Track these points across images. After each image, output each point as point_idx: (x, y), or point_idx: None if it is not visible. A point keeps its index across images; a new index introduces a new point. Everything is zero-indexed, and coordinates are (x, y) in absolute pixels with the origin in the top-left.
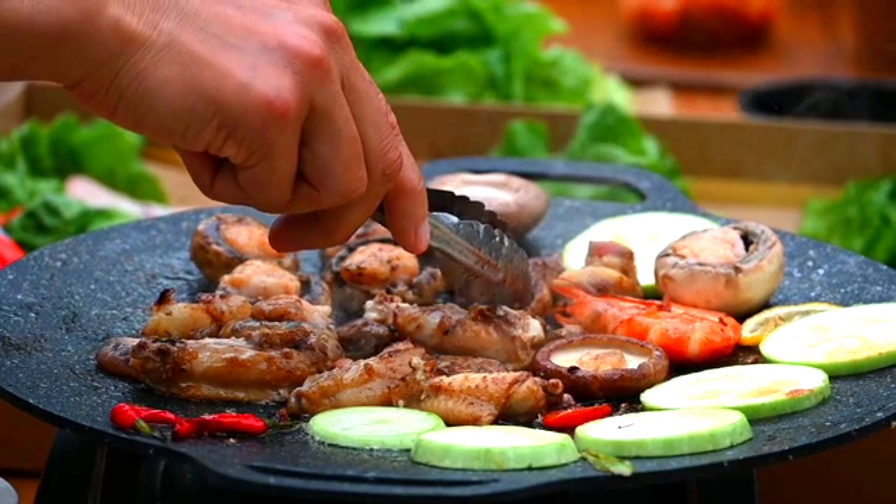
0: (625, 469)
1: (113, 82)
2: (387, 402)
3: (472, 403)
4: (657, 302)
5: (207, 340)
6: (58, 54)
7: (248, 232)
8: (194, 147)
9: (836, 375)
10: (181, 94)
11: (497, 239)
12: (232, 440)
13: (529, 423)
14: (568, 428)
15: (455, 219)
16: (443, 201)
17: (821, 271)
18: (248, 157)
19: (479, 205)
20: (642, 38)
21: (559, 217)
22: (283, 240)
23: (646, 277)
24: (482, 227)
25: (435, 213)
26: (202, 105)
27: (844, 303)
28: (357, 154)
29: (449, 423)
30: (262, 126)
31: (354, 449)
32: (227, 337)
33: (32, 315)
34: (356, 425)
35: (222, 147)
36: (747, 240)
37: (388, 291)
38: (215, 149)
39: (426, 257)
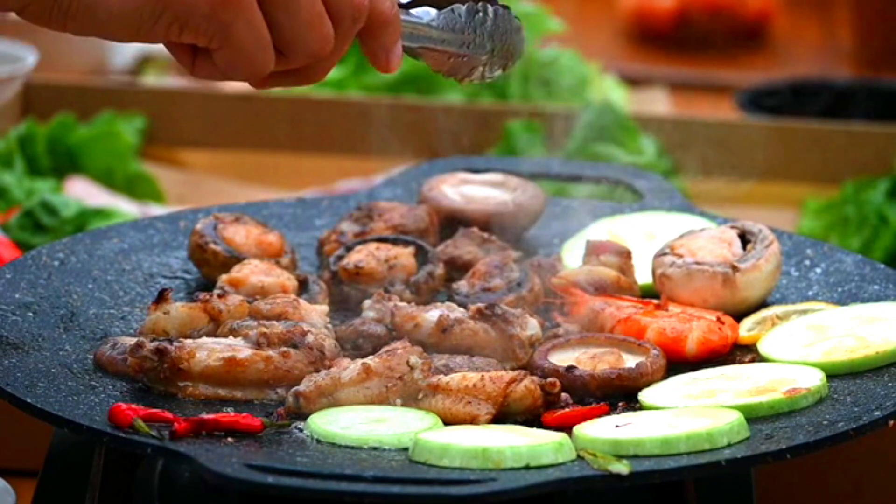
0: (622, 468)
1: (56, 2)
2: (384, 400)
3: (469, 402)
4: (655, 301)
5: (205, 340)
6: None
7: (245, 231)
8: (153, 41)
9: (834, 374)
10: None
11: (481, 14)
12: (230, 439)
13: (527, 422)
14: (565, 427)
15: (433, 12)
16: (424, 2)
17: (818, 270)
18: (211, 42)
19: None
20: (640, 38)
21: (557, 216)
22: (261, 81)
23: (643, 276)
24: (464, 8)
25: (412, 12)
26: (148, 3)
27: (842, 302)
28: (318, 14)
29: (447, 422)
30: (212, 11)
31: (352, 448)
32: (225, 336)
33: (30, 314)
34: (354, 424)
35: (180, 37)
36: (745, 239)
37: (386, 290)
38: (175, 39)
39: (411, 58)
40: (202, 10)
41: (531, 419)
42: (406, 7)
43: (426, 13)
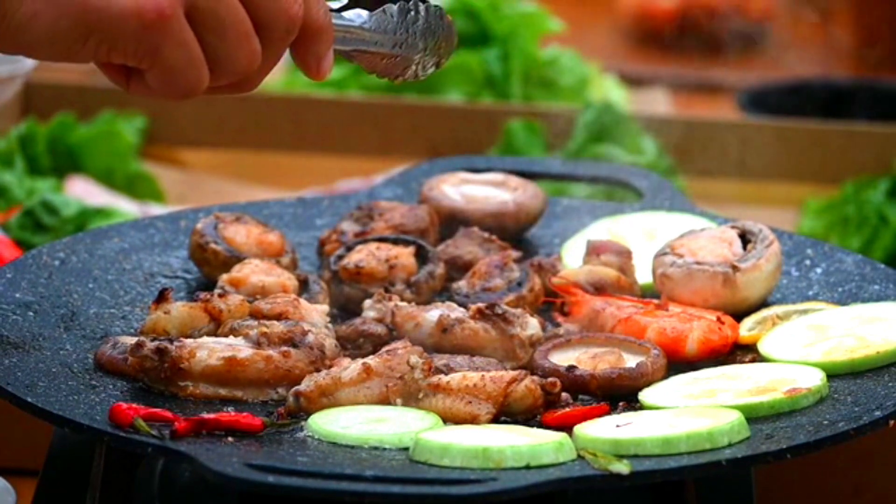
0: (623, 468)
1: None
2: (385, 400)
3: (470, 402)
4: (655, 301)
5: (206, 339)
6: None
7: (246, 231)
8: (84, 62)
9: (834, 374)
10: (52, 21)
11: (412, 13)
12: (230, 439)
13: (527, 422)
14: (566, 426)
15: (365, 14)
16: (360, 3)
17: (818, 270)
18: (141, 62)
19: None
20: (640, 38)
21: (557, 216)
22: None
23: (644, 276)
24: (395, 7)
25: (343, 16)
26: (75, 27)
27: (842, 301)
28: (245, 32)
29: (447, 422)
30: (140, 33)
31: (353, 447)
32: (226, 336)
33: (31, 314)
34: (354, 424)
35: (110, 58)
36: (745, 239)
37: (387, 290)
38: (104, 60)
39: (350, 61)
40: (130, 32)
41: (531, 419)
42: (338, 10)
43: (358, 16)
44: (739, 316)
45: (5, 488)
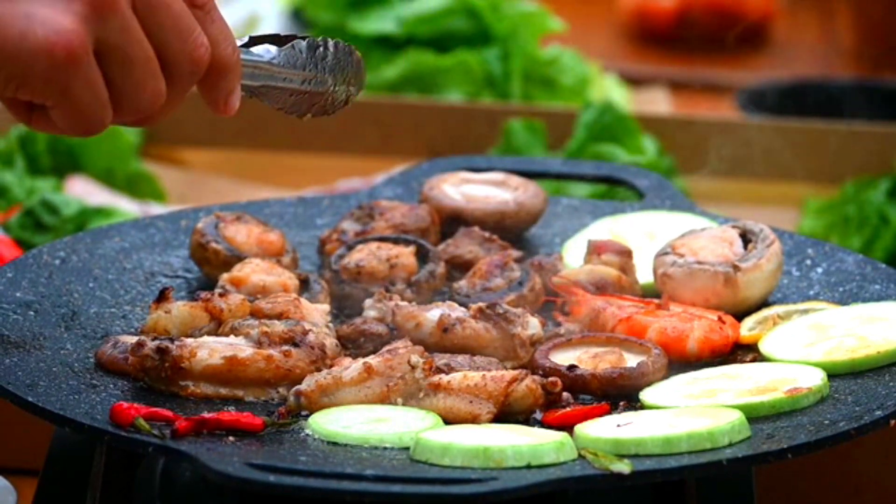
0: (624, 467)
1: None
2: (386, 400)
3: (471, 401)
4: (656, 300)
5: (206, 339)
6: None
7: (246, 230)
8: None
9: (835, 374)
10: None
11: (321, 49)
12: (231, 438)
13: (528, 422)
14: (567, 426)
15: (274, 50)
16: (265, 38)
17: (819, 270)
18: (47, 100)
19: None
20: (641, 37)
21: (558, 215)
22: None
23: (644, 276)
24: (304, 43)
25: (252, 51)
26: None
27: (843, 301)
28: (151, 72)
29: (448, 421)
30: (50, 71)
31: (353, 447)
32: (226, 335)
33: (31, 313)
34: (355, 423)
35: (17, 94)
36: (746, 238)
37: (387, 290)
38: (12, 96)
39: (257, 98)
40: (40, 70)
41: (532, 418)
42: (246, 45)
43: (267, 51)
44: (740, 315)
45: (6, 488)
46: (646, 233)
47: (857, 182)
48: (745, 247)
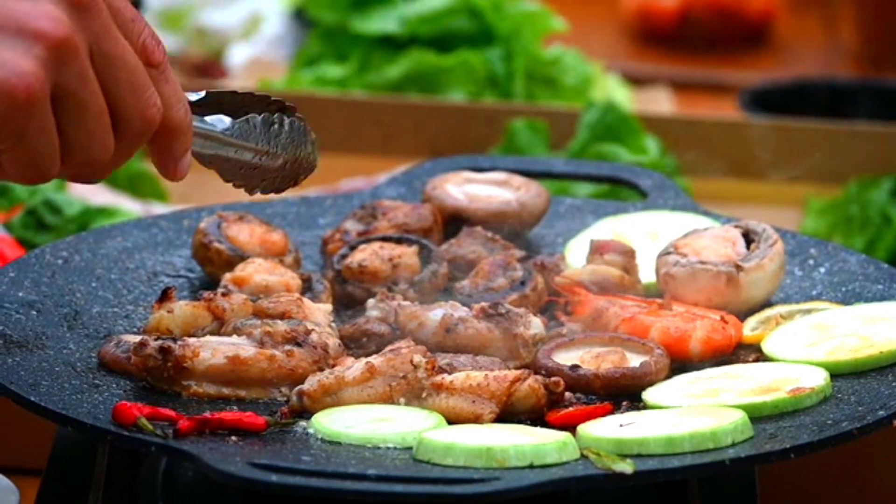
0: (626, 467)
1: None
2: (388, 399)
3: (473, 401)
4: (658, 300)
5: (209, 338)
6: None
7: (249, 230)
8: None
9: (838, 374)
10: None
11: (276, 126)
12: (233, 438)
13: (531, 421)
14: (569, 426)
15: (228, 121)
16: (222, 102)
17: (822, 270)
18: (2, 143)
19: (265, 97)
20: (643, 37)
21: (560, 215)
22: None
23: (647, 276)
24: (259, 118)
25: (207, 119)
26: None
27: (846, 301)
28: (103, 126)
29: (450, 421)
30: (9, 112)
31: (356, 447)
32: (229, 335)
33: (34, 313)
34: (358, 423)
35: None
36: (748, 238)
37: (390, 289)
38: None
39: (208, 167)
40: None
41: (535, 418)
42: (201, 112)
43: (220, 121)
44: (743, 315)
45: (8, 487)
46: (648, 232)
47: (860, 182)
48: (748, 247)
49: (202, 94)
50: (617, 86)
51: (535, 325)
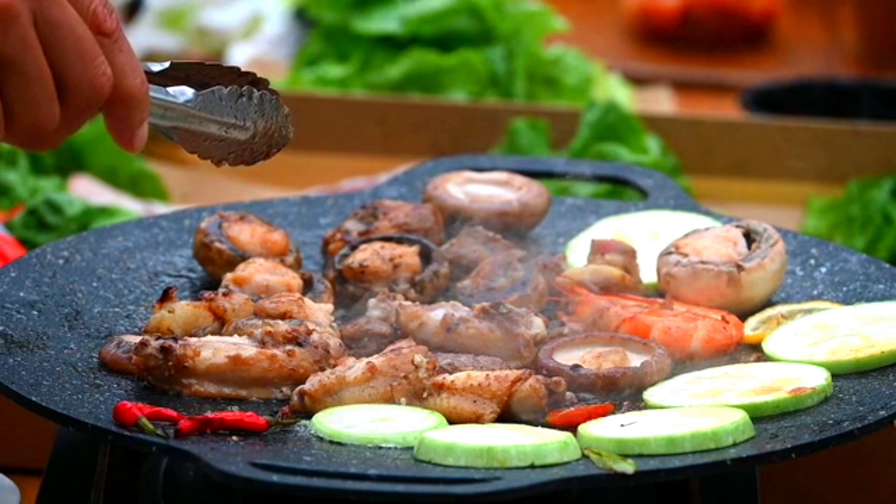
0: (627, 467)
1: None
2: (389, 399)
3: (474, 401)
4: (659, 300)
5: (210, 338)
6: None
7: (250, 230)
8: None
9: (839, 374)
10: None
11: (244, 98)
12: (235, 438)
13: (532, 421)
14: (570, 426)
15: (191, 92)
16: (189, 74)
17: (823, 269)
18: None
19: (234, 69)
20: (644, 37)
21: (561, 215)
22: None
23: (648, 275)
24: (226, 91)
25: (169, 90)
26: None
27: (847, 301)
28: (47, 93)
29: (451, 421)
30: None
31: (357, 446)
32: (230, 335)
33: (35, 313)
34: (359, 423)
35: None
36: (749, 238)
37: (391, 289)
38: None
39: (172, 140)
40: None
41: (536, 418)
42: (164, 84)
43: (182, 93)
44: (744, 315)
45: (10, 487)
46: (649, 232)
47: (861, 181)
48: (749, 246)
49: (166, 64)
50: (618, 85)
51: (537, 324)
